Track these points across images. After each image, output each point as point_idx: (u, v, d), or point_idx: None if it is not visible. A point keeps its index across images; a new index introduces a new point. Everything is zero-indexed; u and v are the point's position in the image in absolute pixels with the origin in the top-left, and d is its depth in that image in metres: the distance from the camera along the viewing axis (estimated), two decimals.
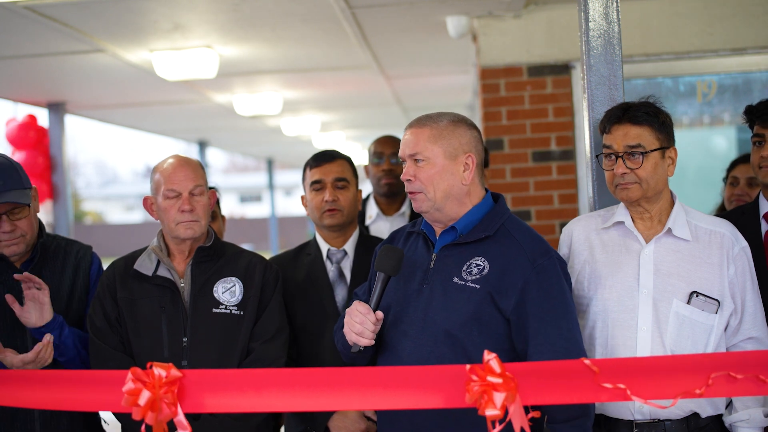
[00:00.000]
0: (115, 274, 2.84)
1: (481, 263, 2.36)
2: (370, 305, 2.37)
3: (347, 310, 2.41)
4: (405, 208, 4.13)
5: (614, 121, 2.58)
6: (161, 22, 5.13)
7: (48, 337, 2.64)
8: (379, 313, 2.36)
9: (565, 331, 2.32)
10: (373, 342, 2.37)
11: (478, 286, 2.33)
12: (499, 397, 1.76)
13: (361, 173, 3.52)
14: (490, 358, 1.80)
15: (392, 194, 4.13)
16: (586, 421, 2.34)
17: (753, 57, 5.17)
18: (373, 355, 2.53)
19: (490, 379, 1.77)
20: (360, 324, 2.35)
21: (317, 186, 3.16)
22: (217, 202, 3.97)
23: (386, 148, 4.13)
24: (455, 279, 2.36)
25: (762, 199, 2.91)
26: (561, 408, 2.28)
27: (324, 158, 3.19)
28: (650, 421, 2.51)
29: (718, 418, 2.59)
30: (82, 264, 2.94)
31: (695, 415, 2.52)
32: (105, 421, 3.02)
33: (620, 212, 2.62)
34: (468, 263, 2.37)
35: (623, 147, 2.53)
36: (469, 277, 2.35)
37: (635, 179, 2.52)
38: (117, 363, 2.70)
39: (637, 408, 2.50)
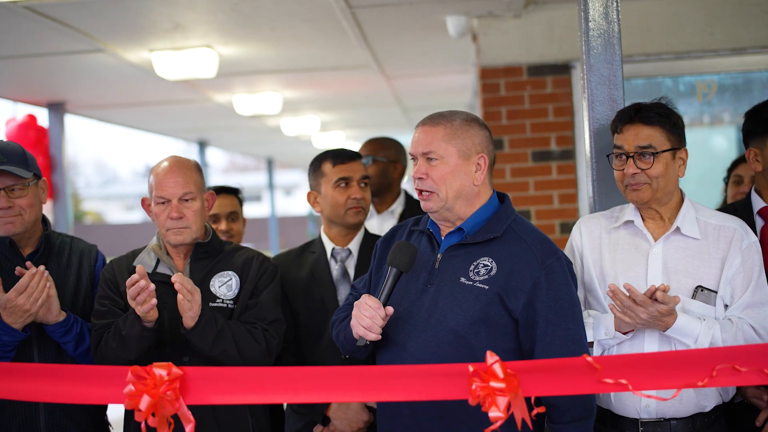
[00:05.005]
0: (115, 270, 2.86)
1: (489, 264, 2.35)
2: (378, 299, 2.36)
3: (356, 303, 2.38)
4: (395, 206, 4.15)
5: (626, 121, 2.59)
6: (161, 22, 5.12)
7: (41, 267, 2.65)
8: (389, 309, 2.34)
9: (572, 332, 2.33)
10: (380, 337, 2.36)
11: (487, 287, 2.32)
12: (502, 401, 1.77)
13: None
14: (494, 361, 1.79)
15: (376, 192, 4.08)
16: (589, 422, 2.34)
17: (753, 57, 5.17)
18: (371, 351, 2.52)
19: (493, 384, 1.77)
20: (369, 318, 2.32)
21: (343, 183, 3.16)
22: (240, 204, 3.99)
23: (370, 151, 4.15)
24: (462, 279, 2.36)
25: (755, 196, 2.92)
26: (565, 408, 2.28)
27: (350, 156, 3.22)
28: (656, 419, 2.52)
29: (725, 408, 2.61)
30: (86, 260, 2.95)
31: (701, 413, 2.52)
32: (111, 426, 3.02)
33: (630, 211, 2.63)
34: (475, 263, 2.37)
35: (634, 147, 2.55)
36: (477, 278, 2.34)
37: (646, 180, 2.53)
38: (116, 321, 2.72)
39: (643, 407, 2.51)
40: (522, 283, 2.32)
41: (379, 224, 4.09)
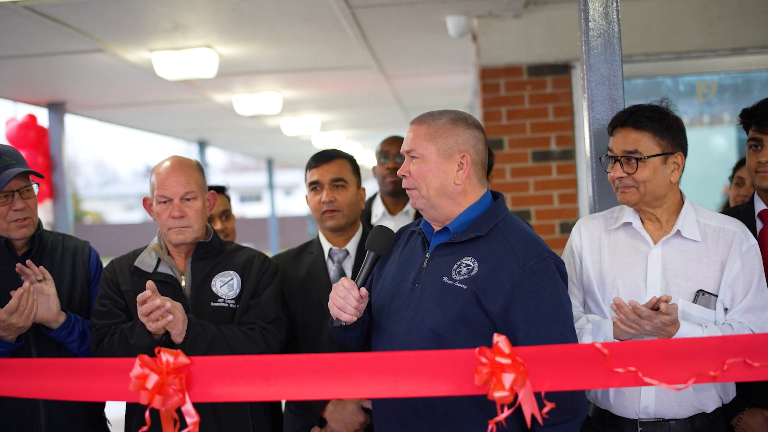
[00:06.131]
0: (116, 270, 2.86)
1: (471, 263, 2.35)
2: (356, 282, 2.41)
3: (334, 285, 2.44)
4: (409, 207, 4.12)
5: (617, 125, 2.59)
6: (161, 22, 5.13)
7: (26, 284, 2.66)
8: (363, 290, 2.39)
9: (555, 333, 2.26)
10: (354, 319, 2.40)
11: (465, 287, 2.32)
12: (508, 378, 1.75)
13: (368, 173, 3.52)
14: (499, 339, 1.79)
15: (397, 193, 4.12)
16: (575, 423, 2.28)
17: (753, 57, 5.17)
18: (364, 338, 2.56)
19: (499, 359, 1.76)
20: (343, 299, 2.38)
21: (315, 186, 3.16)
22: (229, 201, 4.00)
23: (392, 147, 4.14)
24: (445, 278, 2.36)
25: (757, 199, 2.91)
26: (552, 410, 2.21)
27: (322, 158, 3.18)
28: (655, 420, 2.52)
29: (725, 409, 2.61)
30: (80, 257, 2.96)
31: (701, 414, 2.52)
32: (109, 422, 3.02)
33: (628, 213, 2.62)
34: (458, 263, 2.36)
35: (621, 151, 2.55)
36: (458, 277, 2.34)
37: (632, 183, 2.52)
38: (116, 322, 2.72)
39: (642, 408, 2.51)
40: (500, 285, 2.29)
41: (395, 227, 4.04)
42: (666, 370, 1.80)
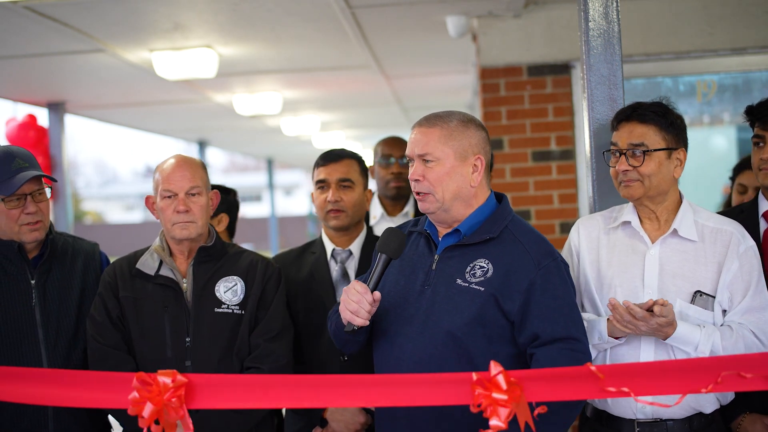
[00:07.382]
0: (116, 273, 2.84)
1: (485, 265, 2.34)
2: (367, 285, 2.35)
3: (344, 288, 2.39)
4: (408, 208, 4.11)
5: (622, 119, 2.60)
6: (161, 22, 5.13)
7: None
8: (377, 294, 2.34)
9: (574, 332, 2.31)
10: (367, 323, 2.35)
11: (482, 289, 2.32)
12: (503, 412, 1.76)
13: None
14: (497, 372, 1.79)
15: (399, 197, 4.11)
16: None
17: (753, 57, 5.17)
18: (366, 343, 2.52)
19: (496, 395, 1.76)
20: (356, 303, 2.32)
21: (321, 185, 3.15)
22: (237, 206, 3.95)
23: (395, 150, 4.11)
24: (459, 281, 2.35)
25: (761, 198, 2.91)
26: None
27: (330, 157, 3.18)
28: (652, 420, 2.52)
29: (723, 412, 2.60)
30: (91, 264, 2.95)
31: (699, 414, 2.52)
32: (113, 428, 3.02)
33: (627, 212, 2.62)
34: (471, 265, 2.36)
35: (627, 144, 2.55)
36: (473, 279, 2.33)
37: (637, 177, 2.53)
38: (115, 362, 2.71)
39: (640, 407, 2.51)
40: (518, 285, 2.31)
41: None
42: (660, 388, 1.82)
